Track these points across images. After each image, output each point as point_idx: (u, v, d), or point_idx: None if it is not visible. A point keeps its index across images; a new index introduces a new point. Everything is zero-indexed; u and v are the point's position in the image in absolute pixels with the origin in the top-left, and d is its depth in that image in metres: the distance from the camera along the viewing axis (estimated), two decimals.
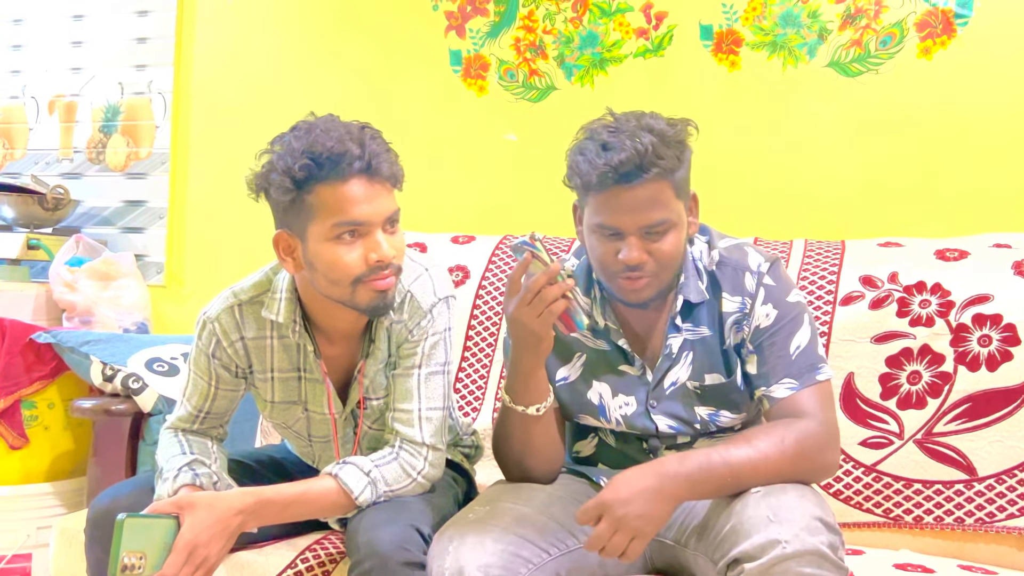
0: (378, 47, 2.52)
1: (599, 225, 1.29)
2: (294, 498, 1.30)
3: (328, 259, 1.27)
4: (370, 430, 1.47)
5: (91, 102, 2.82)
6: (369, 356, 1.41)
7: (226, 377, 1.43)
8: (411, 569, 1.21)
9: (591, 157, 1.25)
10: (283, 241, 1.31)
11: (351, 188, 1.25)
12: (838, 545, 1.11)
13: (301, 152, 1.23)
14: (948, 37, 2.04)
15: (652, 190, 1.25)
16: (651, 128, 1.25)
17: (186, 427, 1.46)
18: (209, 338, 1.41)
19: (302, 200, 1.25)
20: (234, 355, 1.42)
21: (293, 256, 1.31)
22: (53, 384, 2.28)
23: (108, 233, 2.78)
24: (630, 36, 2.28)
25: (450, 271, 2.05)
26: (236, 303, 1.40)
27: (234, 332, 1.40)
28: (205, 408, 1.45)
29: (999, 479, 1.59)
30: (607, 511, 1.18)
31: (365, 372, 1.41)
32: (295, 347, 1.41)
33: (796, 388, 1.29)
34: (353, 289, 1.28)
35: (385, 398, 1.43)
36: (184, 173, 2.72)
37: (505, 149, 2.40)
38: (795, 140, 2.15)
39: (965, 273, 1.70)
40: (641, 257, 1.27)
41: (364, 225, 1.26)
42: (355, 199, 1.25)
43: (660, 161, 1.24)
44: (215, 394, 1.44)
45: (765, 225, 2.07)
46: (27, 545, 2.21)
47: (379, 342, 1.40)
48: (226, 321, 1.40)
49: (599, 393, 1.41)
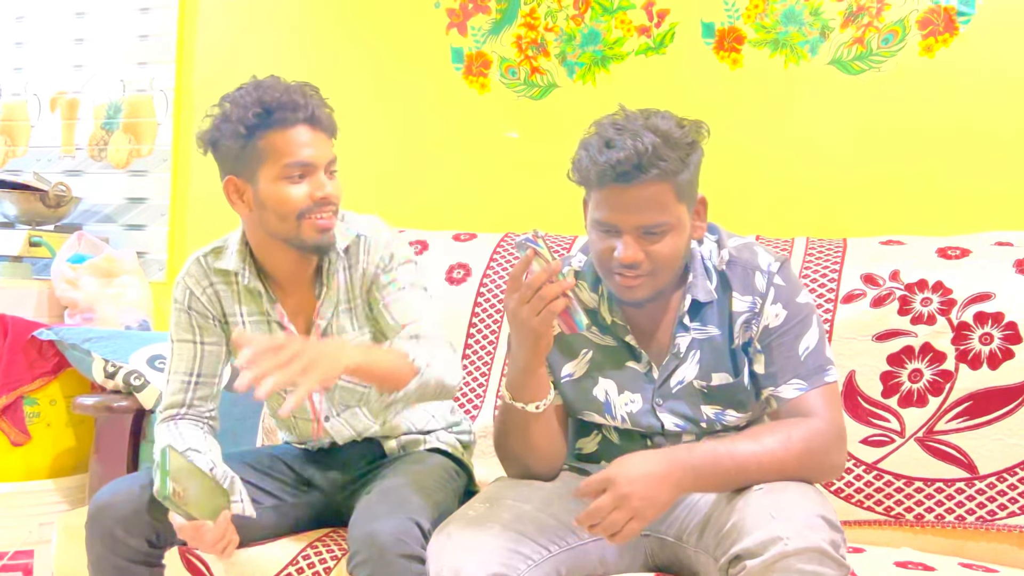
0: (380, 44, 2.52)
1: (597, 221, 1.29)
2: (375, 347, 1.40)
3: (278, 196, 1.39)
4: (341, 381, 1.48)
5: (93, 99, 2.82)
6: (324, 300, 1.47)
7: (207, 327, 1.51)
8: (409, 562, 1.22)
9: (593, 153, 1.25)
10: (232, 185, 1.43)
11: (298, 133, 1.39)
12: (840, 542, 1.10)
13: (253, 102, 1.38)
14: (950, 35, 2.04)
15: (651, 191, 1.24)
16: (656, 128, 1.24)
17: (177, 403, 1.48)
18: (183, 292, 1.51)
19: (253, 146, 1.39)
20: (208, 302, 1.51)
21: (243, 199, 1.43)
22: (55, 381, 2.28)
23: (110, 230, 2.78)
24: (632, 34, 2.28)
25: (451, 269, 2.05)
26: (201, 255, 1.53)
27: (204, 279, 1.51)
28: (194, 370, 1.49)
29: (1000, 477, 1.59)
30: (612, 486, 1.17)
31: (321, 314, 1.48)
32: (256, 292, 1.49)
33: (805, 389, 1.29)
34: (298, 224, 1.40)
35: (357, 340, 1.48)
36: (186, 170, 2.73)
37: (507, 147, 2.40)
38: (797, 138, 2.15)
39: (967, 271, 1.69)
40: (636, 256, 1.27)
41: (310, 166, 1.40)
42: (302, 143, 1.39)
43: (660, 163, 1.23)
44: (201, 352, 1.50)
45: (767, 223, 2.07)
46: (29, 541, 2.22)
47: (332, 286, 1.47)
48: (195, 271, 1.52)
49: (605, 390, 1.40)
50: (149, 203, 2.75)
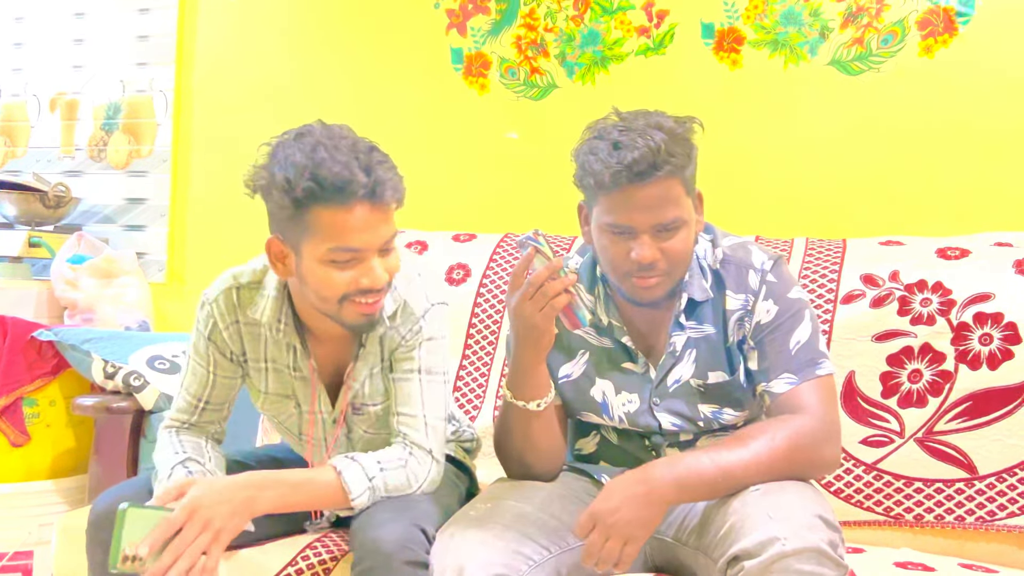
0: (379, 45, 2.52)
1: (611, 224, 1.28)
2: (297, 484, 1.30)
3: (319, 278, 1.26)
4: (366, 434, 1.46)
5: (92, 100, 2.82)
6: (358, 359, 1.40)
7: (223, 363, 1.43)
8: (414, 568, 1.21)
9: (603, 156, 1.25)
10: (275, 247, 1.29)
11: (353, 216, 1.22)
12: (838, 543, 1.11)
13: (304, 171, 1.20)
14: (950, 35, 2.04)
15: (664, 188, 1.25)
16: (661, 126, 1.26)
17: (184, 420, 1.45)
18: (207, 320, 1.40)
19: (300, 216, 1.23)
20: (230, 339, 1.41)
21: (284, 263, 1.30)
22: (55, 382, 2.28)
23: (110, 231, 2.78)
24: (631, 34, 2.28)
25: (451, 269, 2.05)
26: (235, 286, 1.40)
27: (230, 315, 1.40)
28: (204, 397, 1.44)
29: (1000, 478, 1.59)
30: (598, 520, 1.19)
31: (354, 375, 1.40)
32: (288, 346, 1.42)
33: (795, 383, 1.30)
34: (340, 306, 1.28)
35: (384, 403, 1.43)
36: (186, 171, 2.73)
37: (506, 147, 2.40)
38: (796, 138, 2.15)
39: (966, 272, 1.69)
40: (654, 255, 1.27)
41: (360, 251, 1.25)
42: (355, 227, 1.22)
43: (672, 159, 1.24)
44: (213, 381, 1.43)
45: (766, 223, 2.07)
46: (28, 542, 2.22)
47: (370, 346, 1.39)
48: (224, 303, 1.39)
49: (602, 391, 1.41)
50: (149, 204, 2.75)
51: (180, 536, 1.18)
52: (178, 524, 1.18)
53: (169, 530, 1.17)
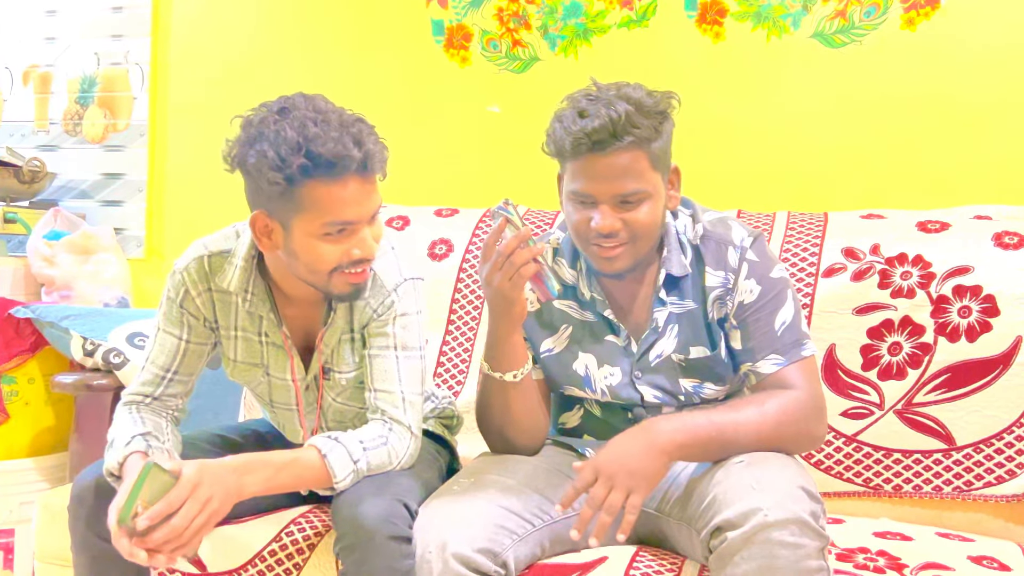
0: (359, 17, 2.48)
1: (574, 192, 1.30)
2: (283, 465, 1.30)
3: (312, 252, 1.27)
4: (335, 402, 1.46)
5: (67, 73, 2.77)
6: (329, 325, 1.40)
7: (197, 327, 1.42)
8: (397, 543, 1.21)
9: (567, 124, 1.26)
10: (261, 222, 1.28)
11: (347, 190, 1.23)
12: (820, 513, 1.12)
13: (298, 147, 1.19)
14: (932, 8, 2.04)
15: (626, 159, 1.25)
16: (628, 97, 1.26)
17: (147, 393, 1.42)
18: (179, 288, 1.40)
19: (292, 192, 1.22)
20: (202, 305, 1.41)
21: (271, 238, 1.29)
22: (33, 359, 2.26)
23: (86, 206, 2.74)
24: (614, 6, 2.26)
25: (433, 244, 2.04)
26: (207, 254, 1.40)
27: (202, 282, 1.40)
28: (172, 367, 1.42)
29: (977, 448, 1.61)
30: (600, 471, 1.19)
31: (325, 341, 1.41)
32: (256, 316, 1.41)
33: (783, 364, 1.31)
34: (329, 278, 1.29)
35: (356, 373, 1.43)
36: (163, 145, 2.69)
37: (488, 121, 2.38)
38: (779, 111, 2.15)
39: (946, 245, 1.71)
40: (613, 226, 1.27)
41: (353, 224, 1.26)
42: (349, 201, 1.24)
43: (634, 130, 1.24)
44: (185, 348, 1.42)
45: (748, 197, 2.07)
46: (10, 521, 2.21)
47: (339, 311, 1.40)
48: (196, 271, 1.40)
49: (585, 364, 1.41)
50: (126, 179, 2.71)
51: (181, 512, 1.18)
52: (181, 501, 1.18)
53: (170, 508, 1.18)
